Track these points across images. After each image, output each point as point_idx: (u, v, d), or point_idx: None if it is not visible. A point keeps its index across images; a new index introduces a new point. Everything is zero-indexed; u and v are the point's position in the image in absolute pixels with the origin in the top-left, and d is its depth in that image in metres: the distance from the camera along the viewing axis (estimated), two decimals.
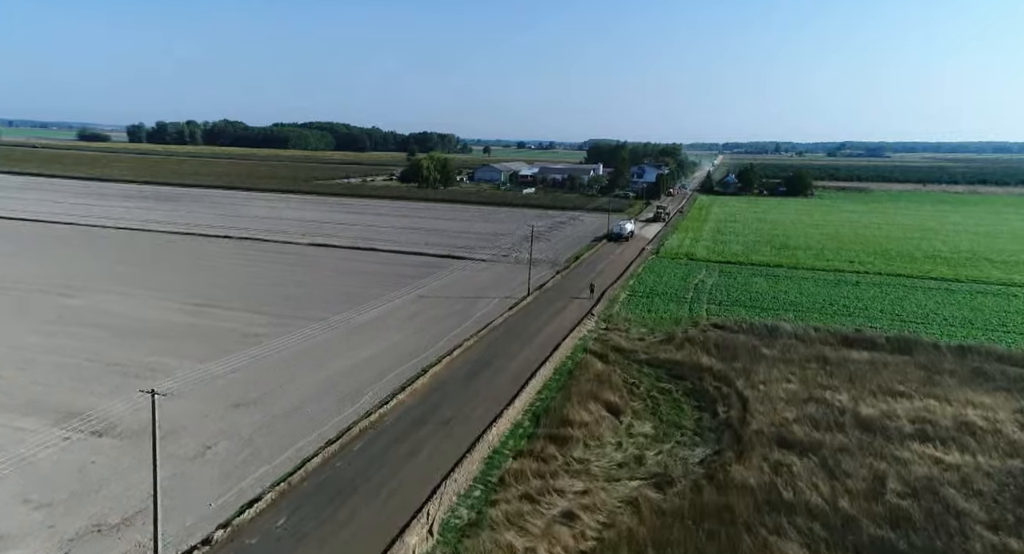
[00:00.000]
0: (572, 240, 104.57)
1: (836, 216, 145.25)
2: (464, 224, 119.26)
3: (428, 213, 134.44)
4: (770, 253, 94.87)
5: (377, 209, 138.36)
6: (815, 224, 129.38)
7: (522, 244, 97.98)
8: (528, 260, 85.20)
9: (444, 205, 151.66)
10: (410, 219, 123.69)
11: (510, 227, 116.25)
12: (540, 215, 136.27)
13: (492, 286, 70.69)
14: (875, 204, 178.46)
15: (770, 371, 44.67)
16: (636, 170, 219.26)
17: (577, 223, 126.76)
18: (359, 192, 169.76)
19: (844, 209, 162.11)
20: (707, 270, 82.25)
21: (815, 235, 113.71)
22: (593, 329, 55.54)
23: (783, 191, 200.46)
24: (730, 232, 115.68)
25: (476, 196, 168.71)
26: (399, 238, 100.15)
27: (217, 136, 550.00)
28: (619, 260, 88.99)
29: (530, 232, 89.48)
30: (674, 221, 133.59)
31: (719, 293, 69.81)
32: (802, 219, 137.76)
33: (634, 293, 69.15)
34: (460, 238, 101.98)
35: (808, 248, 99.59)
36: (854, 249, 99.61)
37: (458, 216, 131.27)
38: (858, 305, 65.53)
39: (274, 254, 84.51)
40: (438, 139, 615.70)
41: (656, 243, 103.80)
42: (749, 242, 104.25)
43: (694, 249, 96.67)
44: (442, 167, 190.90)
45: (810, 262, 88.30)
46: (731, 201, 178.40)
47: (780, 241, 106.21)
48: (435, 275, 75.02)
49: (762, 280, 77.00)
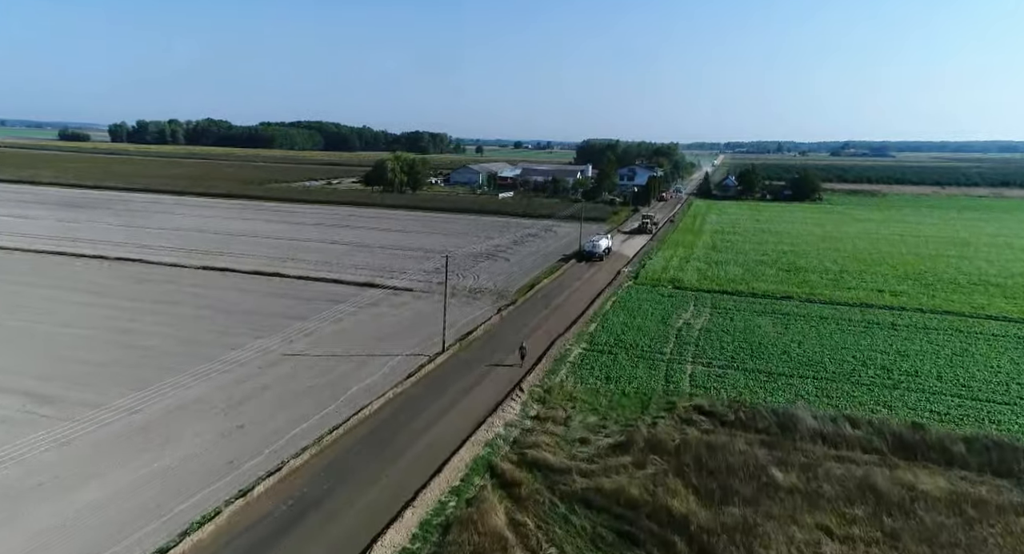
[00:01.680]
0: (536, 259, 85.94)
1: (851, 226, 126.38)
2: (413, 237, 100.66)
3: (378, 222, 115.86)
4: (777, 278, 76.19)
5: (321, 218, 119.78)
6: (828, 237, 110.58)
7: (471, 265, 79.43)
8: (467, 292, 66.60)
9: (404, 212, 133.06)
10: (352, 231, 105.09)
11: (466, 241, 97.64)
12: (508, 225, 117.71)
13: (402, 334, 52.06)
14: (892, 210, 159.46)
15: (787, 527, 26.05)
16: (626, 172, 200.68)
17: (549, 236, 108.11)
18: (312, 198, 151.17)
19: (859, 217, 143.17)
20: (696, 304, 63.58)
21: (830, 252, 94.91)
22: (515, 421, 36.80)
23: (788, 195, 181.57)
24: (728, 248, 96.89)
25: (444, 201, 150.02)
26: (322, 257, 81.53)
27: (200, 135, 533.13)
28: (585, 289, 70.26)
29: (484, 250, 71.46)
30: (663, 233, 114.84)
31: (710, 344, 51.15)
32: (812, 230, 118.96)
33: (592, 346, 50.41)
34: (398, 257, 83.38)
35: (823, 271, 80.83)
36: (880, 272, 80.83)
37: (411, 226, 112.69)
38: (903, 367, 46.79)
39: (142, 282, 65.84)
40: (429, 138, 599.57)
41: (637, 263, 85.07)
42: (750, 262, 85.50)
43: (682, 272, 77.96)
44: (410, 169, 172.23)
45: (828, 291, 69.56)
46: (730, 207, 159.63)
47: (788, 260, 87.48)
48: (334, 313, 56.41)
49: (767, 320, 58.32)
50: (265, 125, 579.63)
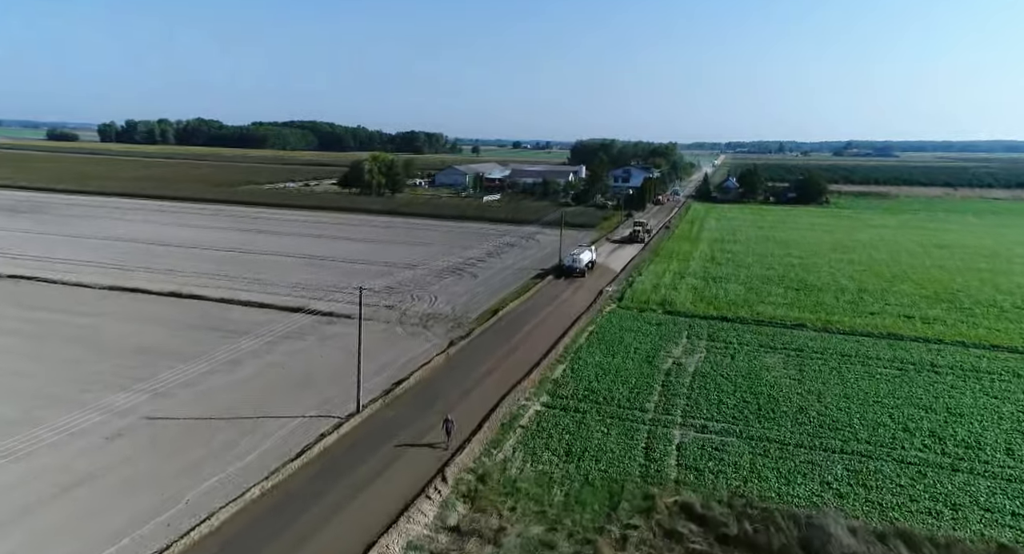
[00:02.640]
0: (509, 275, 75.05)
1: (864, 233, 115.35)
2: (378, 248, 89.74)
3: (345, 230, 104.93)
4: (785, 299, 65.26)
5: (283, 224, 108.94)
6: (840, 246, 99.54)
7: (432, 283, 68.58)
8: (419, 319, 55.80)
9: (377, 218, 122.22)
10: (311, 240, 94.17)
11: (434, 253, 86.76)
12: (487, 232, 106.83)
13: (317, 382, 41.16)
14: (907, 215, 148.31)
15: None
16: (621, 173, 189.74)
17: (530, 245, 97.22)
18: (282, 201, 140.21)
19: (872, 222, 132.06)
20: (690, 336, 52.67)
21: (844, 265, 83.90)
22: (422, 538, 25.65)
23: (792, 197, 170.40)
24: (728, 260, 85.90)
25: (423, 206, 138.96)
26: (262, 273, 70.66)
27: (191, 135, 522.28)
28: (558, 316, 59.28)
29: (452, 264, 60.78)
30: (656, 241, 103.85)
31: (705, 396, 40.23)
32: (821, 238, 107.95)
33: (555, 400, 39.46)
34: (353, 272, 72.48)
35: (839, 289, 69.81)
36: (905, 291, 69.84)
37: (380, 234, 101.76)
38: (958, 434, 35.76)
39: (21, 307, 54.84)
40: (425, 138, 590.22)
41: (623, 280, 74.12)
42: (754, 278, 74.54)
43: (675, 292, 66.98)
44: (388, 170, 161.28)
45: (847, 318, 58.58)
46: (731, 211, 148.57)
47: (797, 276, 76.55)
48: (246, 350, 45.50)
49: (777, 359, 47.42)
50: (257, 125, 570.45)
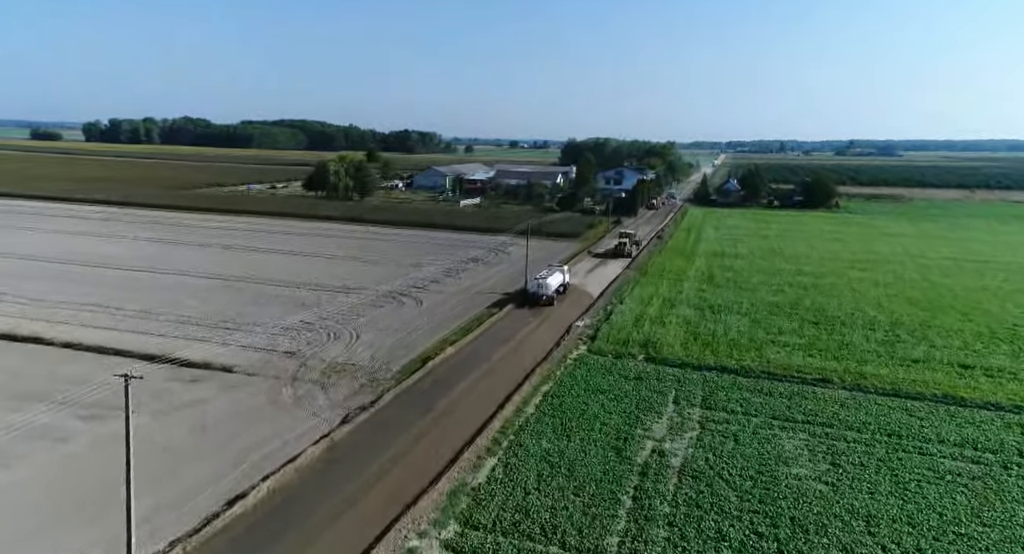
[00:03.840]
0: (462, 301, 61.30)
1: (883, 244, 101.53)
2: (318, 265, 75.95)
3: (291, 241, 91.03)
4: (800, 336, 51.51)
5: (224, 234, 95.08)
6: (859, 261, 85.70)
7: (361, 314, 54.80)
8: (323, 371, 42.16)
9: (333, 226, 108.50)
10: (238, 254, 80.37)
11: (382, 272, 72.96)
12: (454, 243, 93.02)
13: (91, 507, 27.28)
14: (925, 221, 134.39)
15: None
16: (613, 175, 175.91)
17: (498, 260, 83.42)
18: (232, 207, 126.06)
19: (889, 230, 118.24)
20: (679, 400, 38.92)
21: (867, 287, 70.13)
22: None
23: (798, 201, 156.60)
24: (728, 280, 72.09)
25: (391, 211, 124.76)
26: (153, 301, 56.83)
27: (177, 134, 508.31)
28: (508, 367, 45.44)
29: (398, 287, 47.11)
30: (646, 255, 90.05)
31: (696, 521, 26.49)
32: (836, 250, 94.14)
33: (463, 538, 25.64)
34: (262, 300, 58.68)
35: (868, 323, 55.95)
36: (950, 324, 56.00)
37: (329, 247, 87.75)
38: None
39: None
40: (418, 137, 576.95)
41: (600, 310, 60.29)
42: (761, 307, 60.72)
43: (662, 327, 53.20)
44: (357, 172, 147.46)
45: (885, 367, 44.82)
46: (732, 217, 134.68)
47: (813, 302, 62.80)
48: (25, 431, 31.72)
49: (799, 444, 33.66)
50: (246, 124, 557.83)
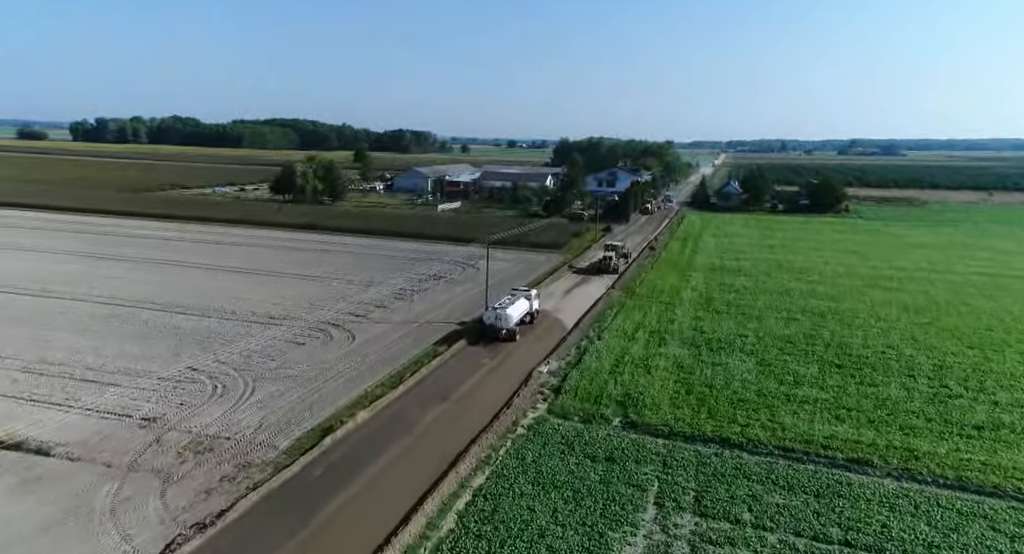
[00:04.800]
0: (405, 335, 50.13)
1: (904, 256, 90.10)
2: (251, 284, 64.72)
3: (221, 254, 79.84)
4: (822, 388, 40.28)
5: (145, 247, 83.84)
6: (881, 277, 74.38)
7: (273, 357, 43.60)
8: (185, 448, 31.03)
9: (288, 234, 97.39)
10: (154, 270, 69.18)
11: (322, 294, 61.76)
12: (420, 255, 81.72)
13: None
14: (946, 227, 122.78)
15: None
16: (606, 176, 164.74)
17: (464, 277, 72.12)
18: (181, 212, 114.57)
19: (908, 238, 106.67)
20: (661, 500, 27.74)
21: (896, 313, 58.80)
22: None
23: (805, 205, 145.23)
24: (730, 305, 60.72)
25: (355, 218, 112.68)
26: (7, 332, 45.64)
27: (164, 134, 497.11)
28: (437, 441, 34.08)
29: (334, 315, 36.21)
30: (635, 270, 78.76)
31: None
32: (852, 265, 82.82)
33: None
34: (155, 337, 47.48)
35: (906, 367, 44.56)
36: (1010, 366, 44.66)
37: (261, 262, 76.45)
38: None
39: None
40: (412, 137, 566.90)
41: (572, 348, 49.02)
42: (769, 342, 49.40)
43: (647, 374, 41.94)
44: (326, 174, 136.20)
45: (939, 442, 33.65)
46: (734, 223, 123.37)
47: (832, 334, 51.54)
48: None
49: None
50: (239, 123, 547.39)
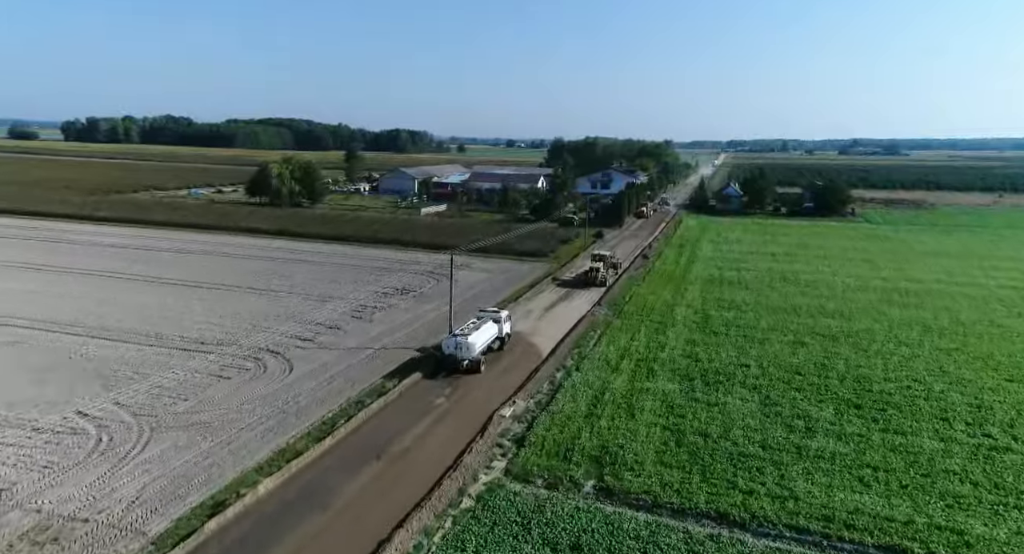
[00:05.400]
0: (354, 364, 42.94)
1: (920, 265, 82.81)
2: (194, 300, 57.48)
3: (185, 264, 72.62)
4: (841, 440, 33.03)
5: (109, 255, 76.63)
6: (897, 292, 67.06)
7: (184, 399, 36.34)
8: (22, 538, 22.90)
9: (255, 240, 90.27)
10: (103, 284, 61.93)
11: (274, 313, 54.54)
12: (390, 266, 74.36)
13: None
14: (961, 232, 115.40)
15: None
16: (600, 178, 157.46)
17: (437, 289, 64.74)
18: (149, 216, 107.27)
19: (922, 246, 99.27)
20: None
21: (919, 338, 51.52)
22: None
23: (810, 208, 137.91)
24: (729, 327, 53.41)
25: (330, 223, 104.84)
26: None
27: (157, 133, 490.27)
28: (354, 522, 26.79)
29: (282, 338, 29.15)
30: (624, 284, 71.39)
31: None
32: (865, 277, 75.57)
33: None
34: (66, 367, 40.22)
35: (937, 411, 37.36)
36: None
37: (223, 273, 69.21)
38: None
39: None
40: (408, 137, 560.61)
41: (544, 382, 41.66)
42: (774, 376, 42.12)
43: (630, 421, 34.65)
44: (304, 175, 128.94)
45: (994, 524, 26.38)
46: (734, 228, 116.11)
47: (848, 364, 44.33)
48: None
49: None
50: (232, 122, 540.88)
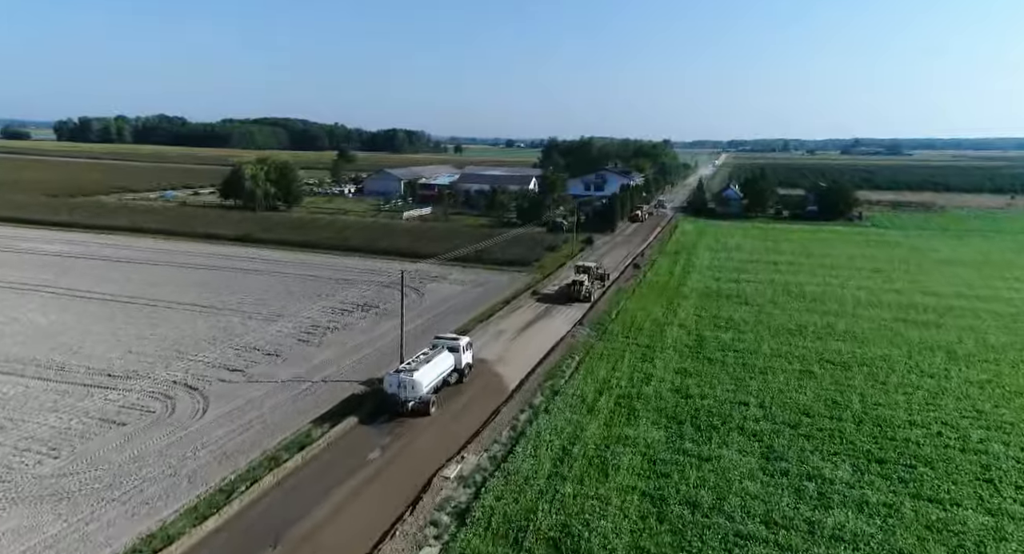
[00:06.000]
0: (283, 402, 36.36)
1: (938, 276, 76.03)
2: (119, 319, 50.88)
3: (127, 275, 65.98)
4: (863, 514, 26.30)
5: (45, 264, 70.01)
6: (913, 310, 60.33)
7: (48, 462, 29.62)
8: None
9: (217, 249, 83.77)
10: (18, 301, 55.32)
11: (208, 335, 47.92)
12: (356, 275, 67.49)
13: None
14: (975, 237, 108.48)
15: None
16: (594, 179, 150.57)
17: (406, 304, 58.00)
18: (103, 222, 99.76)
19: (936, 253, 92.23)
20: None
21: (943, 367, 44.82)
22: None
23: (813, 212, 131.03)
24: (726, 352, 46.62)
25: (300, 230, 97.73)
26: None
27: (150, 133, 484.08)
28: None
29: (204, 368, 22.80)
30: (611, 298, 64.56)
31: None
32: (876, 290, 68.79)
33: None
34: None
35: (977, 471, 30.61)
36: None
37: (165, 287, 62.54)
38: None
39: None
40: (405, 136, 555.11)
41: (503, 429, 34.94)
42: (779, 419, 35.38)
43: (601, 485, 27.93)
44: (280, 176, 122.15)
45: None
46: (734, 233, 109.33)
47: (864, 405, 37.61)
48: None
49: None
50: (228, 122, 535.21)
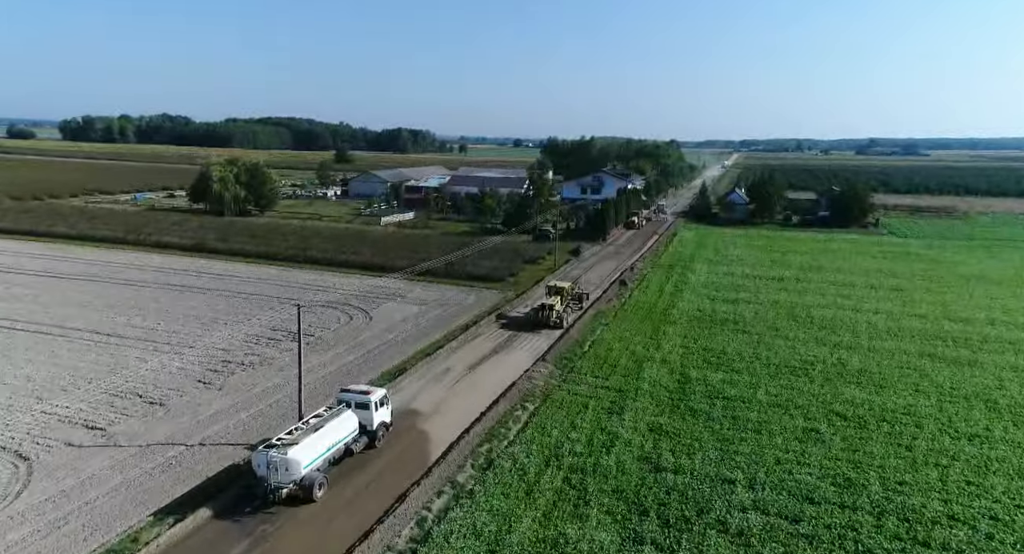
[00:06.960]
0: (132, 482, 28.06)
1: (964, 298, 66.59)
2: None
3: (46, 291, 58.08)
4: None
5: None
6: (941, 341, 51.17)
7: None
8: None
9: (167, 260, 76.02)
10: None
11: (91, 371, 39.74)
12: (299, 293, 58.90)
13: None
14: (1006, 250, 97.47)
15: None
16: (591, 182, 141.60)
17: (340, 335, 49.57)
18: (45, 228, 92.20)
19: (962, 268, 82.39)
20: None
21: (982, 422, 35.91)
22: None
23: (825, 218, 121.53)
24: (714, 398, 37.84)
25: (262, 238, 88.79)
26: None
27: (153, 132, 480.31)
28: None
29: (67, 420, 16.91)
30: (588, 323, 55.75)
31: None
32: (896, 314, 59.59)
33: None
34: None
35: None
36: None
37: (77, 308, 54.54)
38: None
39: None
40: (409, 136, 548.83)
41: (407, 524, 26.37)
42: (773, 517, 26.67)
43: None
44: (251, 179, 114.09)
45: None
46: (736, 243, 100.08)
47: (885, 484, 28.93)
48: None
49: None
50: (228, 122, 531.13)
